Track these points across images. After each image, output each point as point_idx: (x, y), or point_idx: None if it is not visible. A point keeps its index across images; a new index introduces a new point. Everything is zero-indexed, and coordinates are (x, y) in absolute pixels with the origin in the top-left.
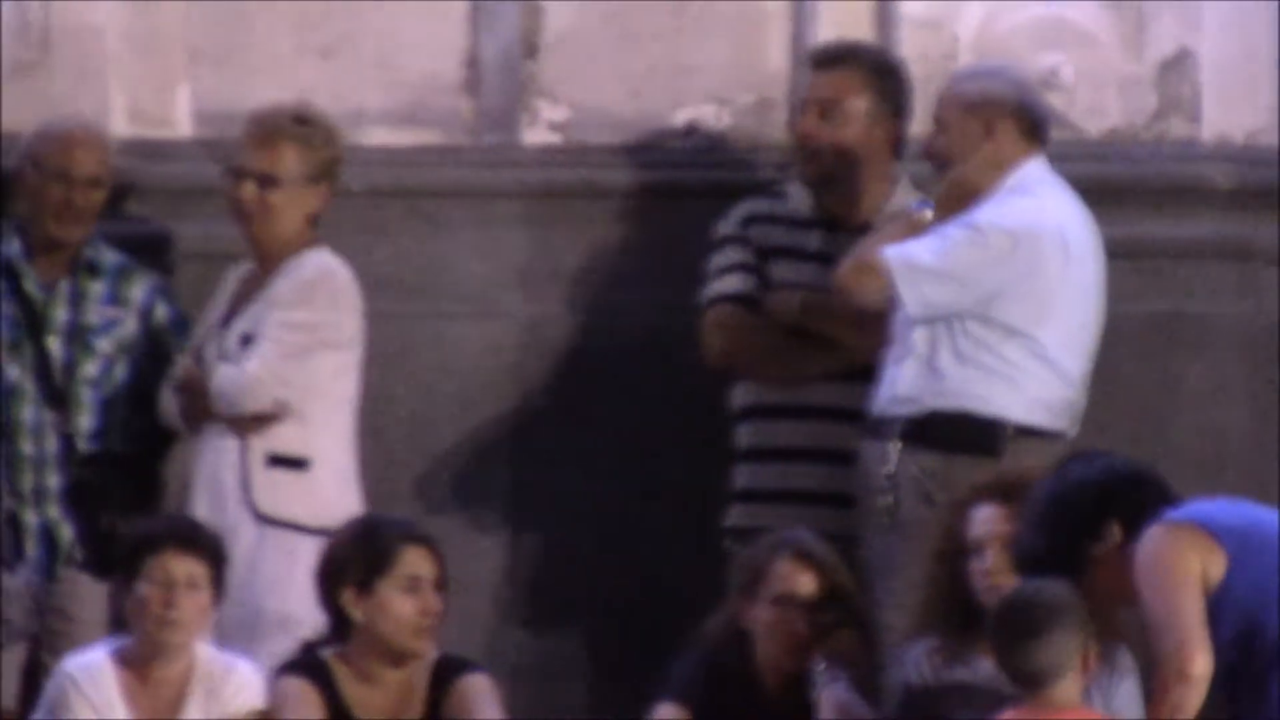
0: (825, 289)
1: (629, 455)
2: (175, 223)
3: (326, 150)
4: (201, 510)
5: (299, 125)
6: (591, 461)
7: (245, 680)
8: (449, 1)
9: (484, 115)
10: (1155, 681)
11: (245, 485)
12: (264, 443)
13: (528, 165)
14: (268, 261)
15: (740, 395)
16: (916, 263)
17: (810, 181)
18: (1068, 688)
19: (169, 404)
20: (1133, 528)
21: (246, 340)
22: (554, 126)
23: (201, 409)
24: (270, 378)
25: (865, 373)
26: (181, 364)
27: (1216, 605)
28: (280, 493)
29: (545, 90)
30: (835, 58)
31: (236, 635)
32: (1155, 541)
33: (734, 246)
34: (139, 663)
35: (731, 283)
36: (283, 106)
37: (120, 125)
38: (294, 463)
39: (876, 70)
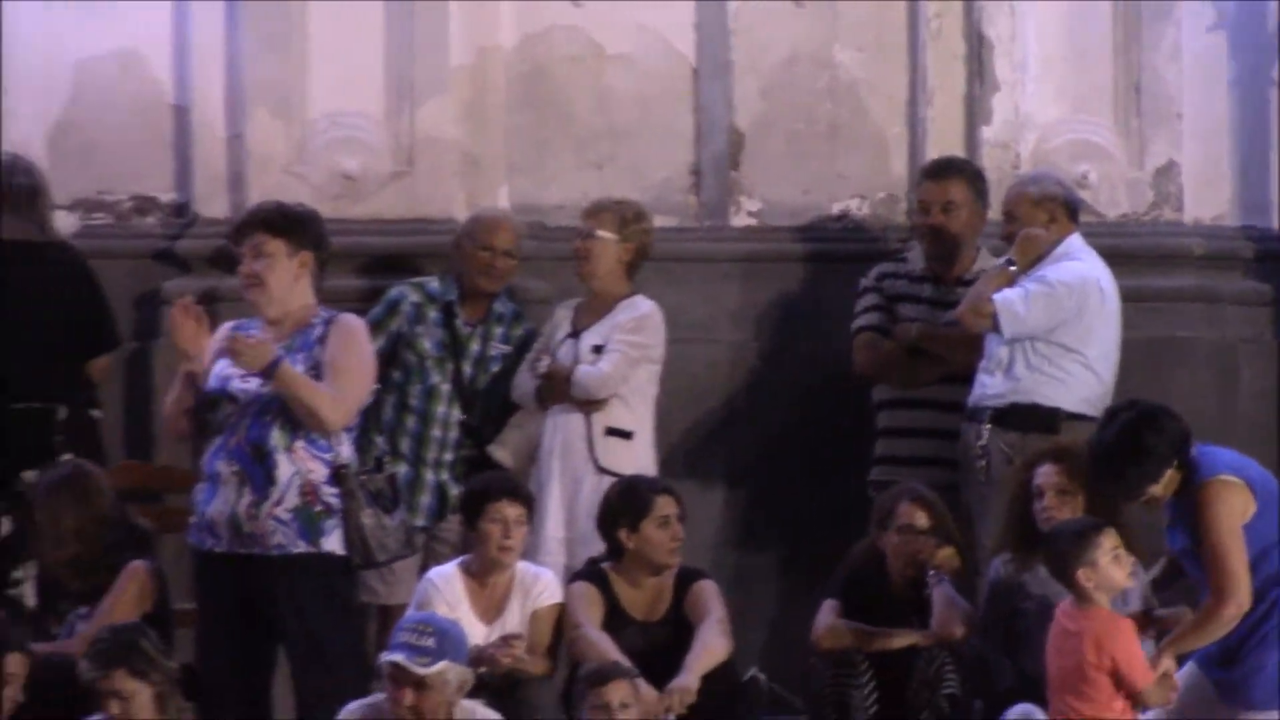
0: (934, 322)
1: (804, 432)
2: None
3: (636, 226)
4: (555, 465)
5: (610, 211)
6: (778, 438)
7: (548, 584)
8: (679, 131)
9: (704, 206)
10: (1209, 598)
11: (590, 448)
12: (603, 419)
13: (734, 240)
14: (599, 299)
15: (878, 393)
16: (1012, 305)
17: (929, 254)
18: (1098, 593)
19: (526, 387)
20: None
21: (596, 349)
22: (751, 214)
23: (559, 393)
24: (617, 377)
25: (959, 378)
26: (545, 361)
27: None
28: (613, 453)
29: (745, 189)
30: (947, 170)
31: (580, 550)
32: (1223, 499)
33: (872, 294)
34: (479, 574)
35: (870, 318)
36: (605, 200)
37: (460, 214)
38: (623, 434)
39: (973, 179)
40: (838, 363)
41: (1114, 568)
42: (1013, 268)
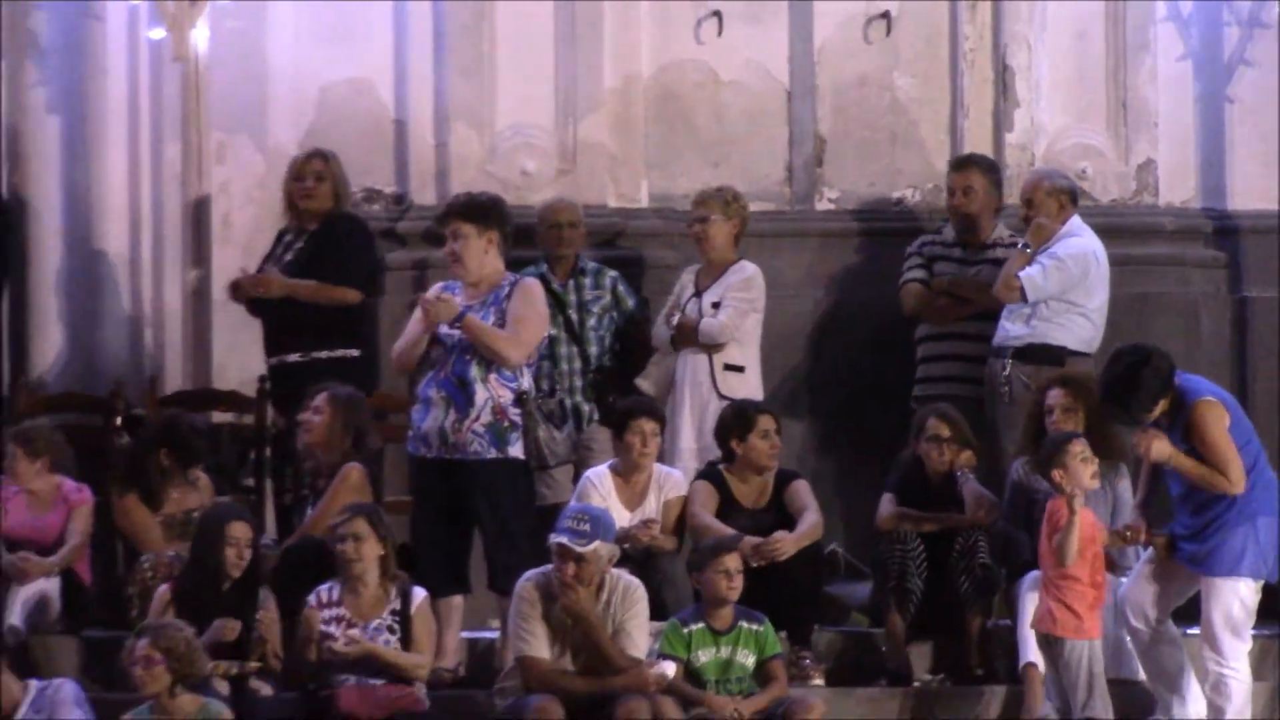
0: (961, 276)
1: (867, 363)
2: (641, 247)
3: (736, 205)
4: (686, 394)
5: (718, 197)
6: (848, 368)
7: (677, 481)
8: (776, 138)
9: (795, 195)
10: (1215, 482)
11: (713, 380)
12: (722, 358)
13: (817, 220)
14: (715, 265)
15: (920, 329)
16: (1034, 279)
17: (957, 227)
18: (1070, 488)
19: (662, 335)
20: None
21: (715, 305)
22: (830, 200)
23: (688, 339)
24: (732, 326)
25: (979, 317)
26: (677, 316)
27: None
28: (730, 384)
29: (826, 182)
30: (966, 163)
31: (706, 457)
32: (1212, 413)
33: (915, 256)
34: (624, 473)
35: (914, 274)
36: (709, 190)
37: (611, 201)
38: (737, 369)
39: (988, 170)
40: (891, 311)
41: (1081, 469)
42: (1028, 249)
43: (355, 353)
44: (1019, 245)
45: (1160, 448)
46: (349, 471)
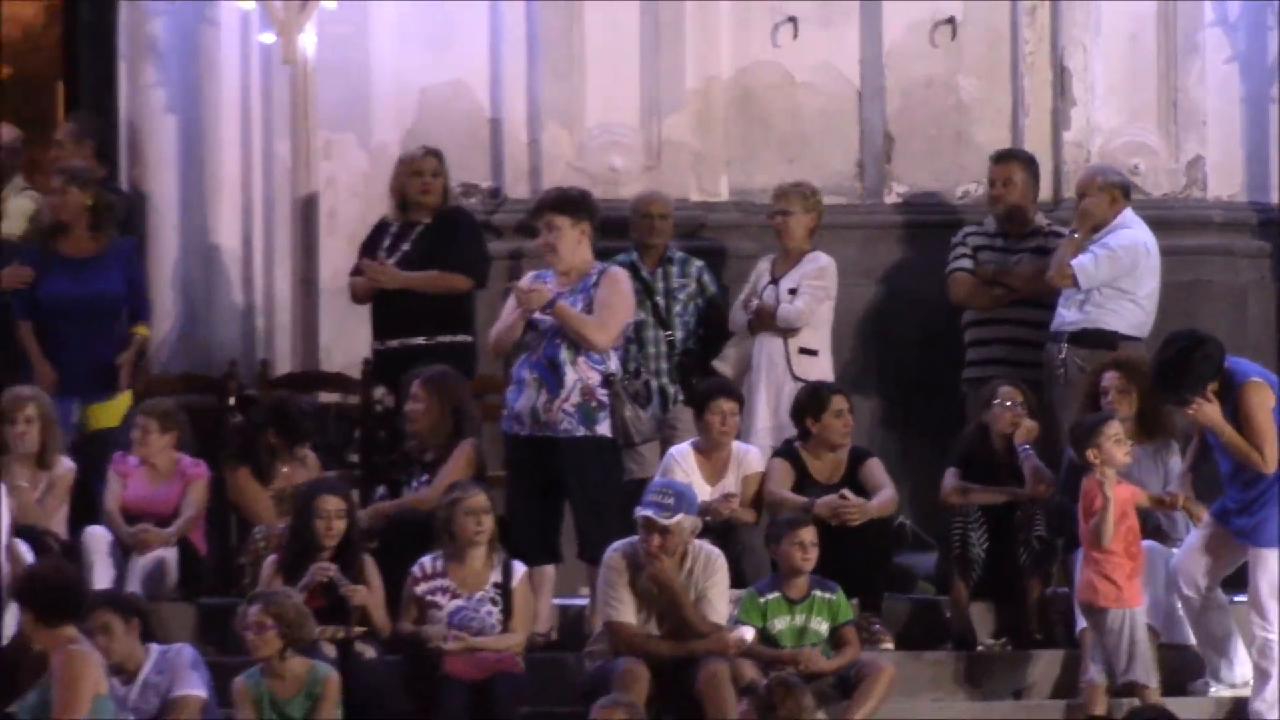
0: (1003, 264)
1: (929, 346)
2: (721, 238)
3: (814, 199)
4: (763, 375)
5: (798, 191)
6: (913, 350)
7: (755, 458)
8: (847, 136)
9: (866, 189)
10: (1250, 458)
11: (788, 362)
12: (796, 341)
13: (886, 213)
14: (791, 254)
15: (966, 315)
16: (1086, 268)
17: (998, 217)
18: (1104, 467)
19: (740, 320)
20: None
21: (792, 292)
22: (899, 194)
23: (765, 324)
24: (806, 312)
25: (1023, 302)
26: (754, 302)
27: None
28: (804, 366)
29: (894, 177)
30: (1006, 157)
31: (781, 435)
32: (1258, 394)
33: (960, 247)
34: (705, 450)
35: (960, 264)
36: (787, 184)
37: (693, 195)
38: (811, 352)
39: (1027, 163)
40: (941, 292)
41: (1115, 448)
42: (1075, 235)
43: (469, 338)
44: (1068, 232)
45: (1210, 411)
46: (465, 448)
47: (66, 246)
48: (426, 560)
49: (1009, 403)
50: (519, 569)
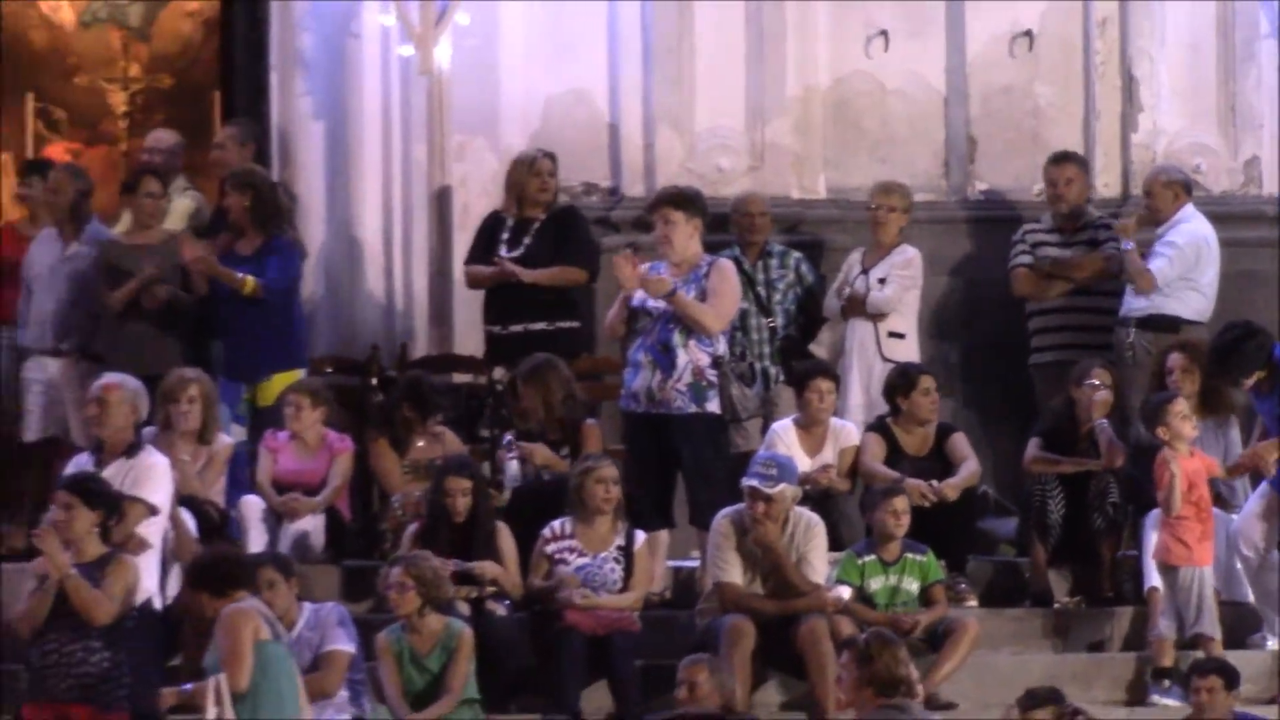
0: (1060, 259)
1: (1006, 331)
2: (819, 232)
3: (909, 198)
4: (855, 357)
5: (898, 190)
6: (990, 334)
7: (850, 432)
8: (934, 139)
9: (951, 188)
10: None
11: (879, 346)
12: (886, 326)
13: (969, 209)
14: (882, 246)
15: (1030, 305)
16: (1163, 271)
17: (1055, 214)
18: (1174, 441)
19: (834, 306)
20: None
21: (881, 281)
22: (981, 193)
23: (857, 310)
24: (895, 299)
25: (1079, 291)
26: (847, 290)
27: None
28: (894, 349)
29: (977, 177)
30: (1064, 158)
31: (873, 411)
32: None
33: (1020, 243)
34: (804, 425)
35: (1021, 259)
36: (890, 183)
37: (794, 193)
38: (899, 336)
39: (1082, 164)
40: (1006, 284)
41: (1182, 425)
42: (1130, 249)
43: (579, 324)
44: (1123, 245)
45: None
46: (591, 428)
47: (235, 243)
48: (557, 523)
49: (1096, 382)
50: (639, 536)
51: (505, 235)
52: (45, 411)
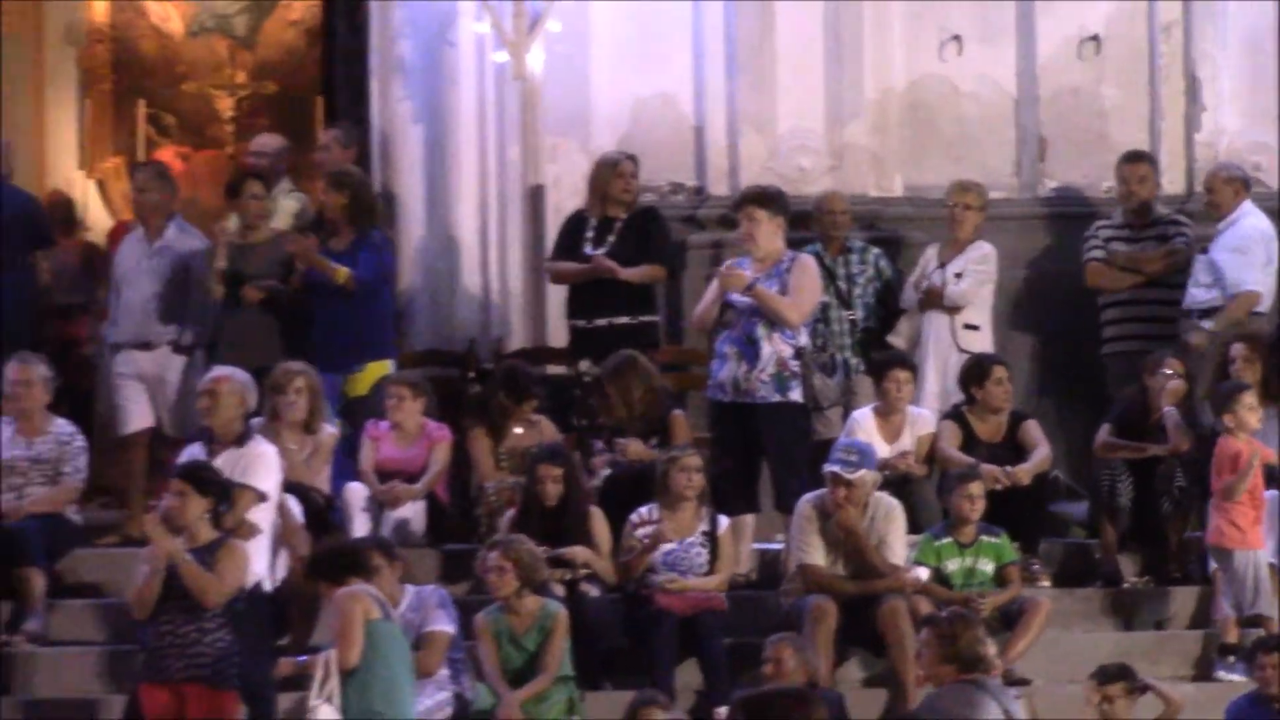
0: (1131, 252)
1: (1076, 321)
2: (896, 229)
3: (985, 197)
4: (931, 348)
5: (975, 188)
6: (1062, 324)
7: (927, 420)
8: (1005, 139)
9: (1022, 185)
10: None
11: (954, 337)
12: (961, 318)
13: (1040, 206)
14: (958, 242)
15: (1104, 296)
16: (1258, 283)
17: (1127, 210)
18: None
19: (911, 299)
20: None
21: (958, 275)
22: (1051, 190)
23: (934, 303)
24: (971, 292)
25: (1149, 284)
26: (925, 283)
27: None
28: (969, 340)
29: (1047, 175)
30: (1137, 157)
31: (948, 400)
32: None
33: (1094, 238)
34: (883, 413)
35: (1094, 253)
36: (969, 181)
37: (871, 191)
38: (974, 327)
39: (1153, 163)
40: (1079, 277)
41: (1248, 414)
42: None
43: (657, 318)
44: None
45: None
46: (678, 418)
47: (330, 240)
48: (644, 509)
49: (1170, 371)
50: (723, 521)
51: (589, 234)
52: (137, 404)
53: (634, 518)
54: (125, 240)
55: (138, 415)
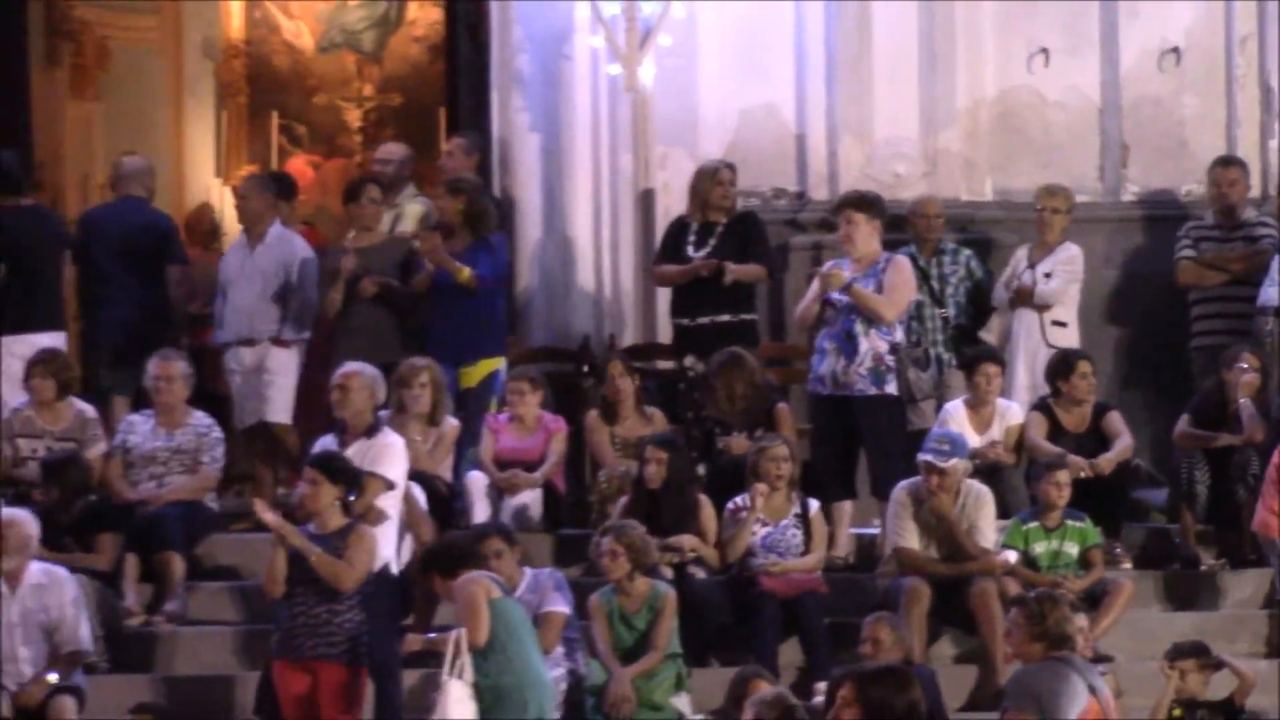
0: (1220, 252)
1: (1159, 318)
2: (987, 231)
3: (1072, 201)
4: (1021, 344)
5: (1062, 192)
6: (1145, 320)
7: (1015, 411)
8: (1090, 145)
9: (1106, 189)
10: None
11: (1043, 333)
12: (1049, 315)
13: (1123, 209)
14: (1046, 244)
15: (1192, 294)
16: None
17: (1217, 212)
18: None
19: (1002, 297)
20: None
21: (1047, 275)
22: (1134, 193)
23: (1024, 301)
24: (1059, 291)
25: (1237, 282)
26: (1015, 283)
27: None
28: (1056, 336)
29: (1130, 179)
30: (1229, 162)
31: (1037, 393)
32: None
33: (1185, 238)
34: (974, 405)
35: (1185, 252)
36: (1055, 185)
37: (964, 195)
38: (1062, 324)
39: (1243, 167)
40: (1168, 276)
41: None
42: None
43: (755, 316)
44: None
45: None
46: (782, 411)
47: (447, 242)
48: (740, 497)
49: (1245, 365)
50: (813, 504)
51: (691, 238)
52: (246, 398)
53: (731, 505)
54: (230, 248)
55: (248, 411)
